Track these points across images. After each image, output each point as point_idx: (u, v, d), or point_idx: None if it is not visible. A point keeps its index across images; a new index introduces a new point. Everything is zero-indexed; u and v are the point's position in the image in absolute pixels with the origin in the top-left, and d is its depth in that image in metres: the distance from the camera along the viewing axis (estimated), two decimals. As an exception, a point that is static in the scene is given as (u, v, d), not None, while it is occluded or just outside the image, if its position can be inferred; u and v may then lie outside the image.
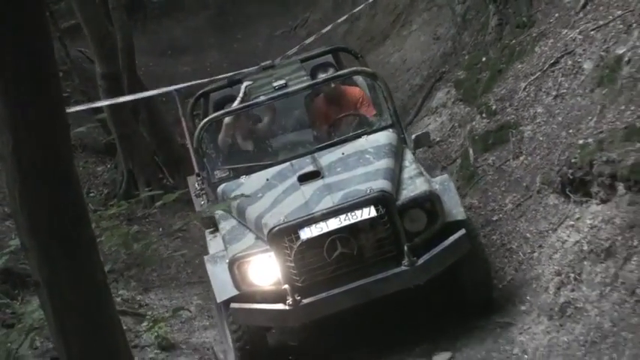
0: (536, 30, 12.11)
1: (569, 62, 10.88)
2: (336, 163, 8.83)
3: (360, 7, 14.61)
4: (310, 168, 8.79)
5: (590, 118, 9.78)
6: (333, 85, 10.03)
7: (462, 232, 8.17)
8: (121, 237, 8.47)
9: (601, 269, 8.11)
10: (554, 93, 10.90)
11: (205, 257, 8.76)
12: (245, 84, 9.77)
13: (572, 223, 9.29)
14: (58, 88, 4.26)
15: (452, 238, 8.05)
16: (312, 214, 7.93)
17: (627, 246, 7.79)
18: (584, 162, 9.25)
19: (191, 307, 11.27)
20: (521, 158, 11.15)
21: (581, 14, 11.46)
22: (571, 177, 9.49)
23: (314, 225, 7.79)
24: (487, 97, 12.17)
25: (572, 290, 8.35)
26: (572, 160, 9.50)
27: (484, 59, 12.79)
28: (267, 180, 8.81)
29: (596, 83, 10.13)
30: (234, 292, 7.89)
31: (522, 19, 12.61)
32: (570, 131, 10.13)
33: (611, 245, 8.11)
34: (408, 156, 9.52)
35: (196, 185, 10.09)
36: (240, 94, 9.61)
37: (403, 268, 7.92)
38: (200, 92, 10.94)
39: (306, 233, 7.76)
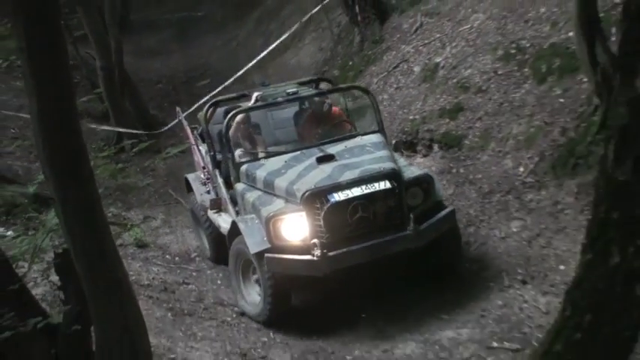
0: (385, 45, 13.44)
1: (405, 66, 12.38)
2: (343, 152, 8.63)
3: (283, 37, 15.04)
4: (323, 152, 8.59)
5: (417, 102, 11.30)
6: (325, 104, 9.70)
7: (452, 208, 8.46)
8: (110, 171, 9.86)
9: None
10: (395, 86, 12.36)
11: (237, 219, 8.54)
12: (255, 94, 9.55)
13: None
14: (69, 72, 4.62)
15: (444, 212, 8.22)
16: (339, 182, 7.82)
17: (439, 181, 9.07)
18: (413, 130, 10.88)
19: (158, 220, 11.78)
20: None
21: (414, 35, 12.99)
22: (404, 140, 11.04)
23: (340, 191, 7.73)
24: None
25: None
26: (405, 129, 11.06)
27: (350, 63, 13.93)
28: (286, 162, 8.57)
29: (422, 80, 11.69)
30: (267, 245, 7.74)
31: (376, 37, 13.80)
32: (405, 111, 11.49)
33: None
34: (394, 152, 9.68)
35: (201, 175, 10.28)
36: (252, 101, 9.48)
37: (408, 232, 7.86)
38: (213, 101, 10.36)
39: (334, 197, 7.68)
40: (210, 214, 9.88)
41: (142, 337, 5.15)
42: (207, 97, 14.31)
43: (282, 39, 15.12)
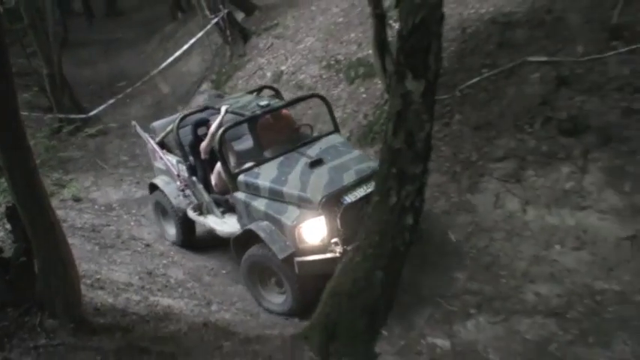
0: (247, 58, 13.30)
1: (261, 72, 12.28)
2: (323, 154, 7.18)
3: (178, 53, 14.68)
4: (308, 157, 7.13)
5: None
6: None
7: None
8: (44, 146, 10.04)
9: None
10: (257, 83, 11.59)
11: (253, 227, 6.77)
12: (224, 107, 7.61)
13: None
14: (11, 79, 4.34)
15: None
16: (345, 185, 6.64)
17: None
18: None
19: (89, 180, 11.32)
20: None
21: (266, 51, 12.98)
22: None
23: (350, 193, 6.58)
24: (225, 87, 12.75)
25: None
26: None
27: (224, 70, 13.63)
28: (278, 169, 7.04)
29: (272, 82, 11.37)
30: (292, 250, 6.50)
31: (241, 52, 13.72)
32: None
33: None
34: None
35: (178, 183, 8.20)
36: (222, 114, 7.56)
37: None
38: (182, 115, 8.22)
39: (347, 199, 6.52)
40: (193, 215, 8.07)
41: (72, 265, 4.99)
42: (121, 95, 14.25)
43: (177, 54, 14.79)
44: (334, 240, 6.46)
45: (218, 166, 7.57)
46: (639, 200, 6.59)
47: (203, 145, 7.67)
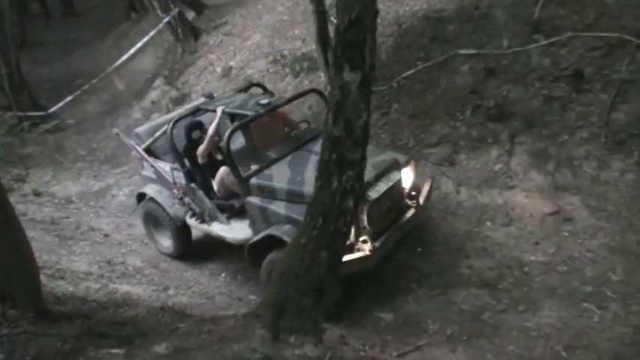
0: (198, 54, 13.09)
1: (211, 68, 12.12)
2: None
3: (132, 50, 14.41)
4: (317, 154, 5.63)
5: (219, 91, 10.57)
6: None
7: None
8: (3, 142, 9.39)
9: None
10: (205, 81, 11.93)
11: (276, 232, 5.87)
12: (220, 108, 6.72)
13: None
14: None
15: (425, 192, 6.62)
16: (367, 181, 5.64)
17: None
18: None
19: (49, 175, 10.99)
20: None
21: (216, 48, 12.80)
22: None
23: (372, 189, 5.96)
24: (178, 82, 12.58)
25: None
26: None
27: (176, 67, 13.22)
28: (290, 169, 6.30)
29: (222, 77, 11.50)
30: None
31: (192, 49, 13.48)
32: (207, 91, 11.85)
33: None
34: None
35: (175, 191, 7.19)
36: (218, 115, 6.69)
37: (413, 210, 6.37)
38: (176, 119, 6.98)
39: (371, 196, 5.89)
40: (194, 223, 7.17)
41: (31, 257, 4.82)
42: (78, 92, 13.93)
43: (131, 52, 14.52)
44: (363, 238, 5.85)
45: (221, 170, 6.79)
46: (561, 179, 6.78)
47: (201, 149, 6.85)
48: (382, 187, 6.05)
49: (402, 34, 8.87)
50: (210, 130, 6.75)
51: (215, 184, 6.94)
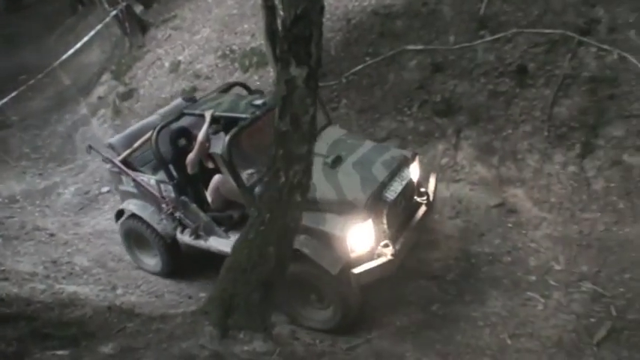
0: (146, 49, 12.82)
1: (159, 63, 11.94)
2: (335, 149, 5.95)
3: (79, 45, 14.07)
4: (320, 156, 5.69)
5: (167, 86, 11.03)
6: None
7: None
8: None
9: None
10: (153, 76, 11.77)
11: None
12: (209, 112, 6.09)
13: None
14: None
15: (432, 188, 6.34)
16: (381, 181, 5.60)
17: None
18: (165, 105, 9.63)
19: None
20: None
21: (165, 42, 12.59)
22: None
23: (388, 189, 5.61)
24: (125, 77, 12.26)
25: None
26: (159, 104, 10.20)
27: (123, 61, 13.06)
28: None
29: (170, 71, 11.31)
30: (343, 263, 5.30)
31: (140, 44, 13.22)
32: (159, 92, 11.12)
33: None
34: None
35: (164, 206, 6.50)
36: (208, 120, 6.07)
37: (424, 208, 6.09)
38: (161, 126, 6.26)
39: (389, 197, 5.54)
40: (188, 239, 6.52)
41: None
42: (23, 87, 13.44)
43: (77, 46, 14.18)
44: (384, 242, 5.52)
45: (216, 179, 6.31)
46: (505, 172, 6.93)
47: (190, 157, 6.21)
48: (397, 186, 5.73)
49: (350, 29, 8.89)
50: (200, 136, 6.13)
51: (209, 195, 6.41)
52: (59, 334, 4.63)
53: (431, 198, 6.21)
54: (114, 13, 13.79)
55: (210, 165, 6.49)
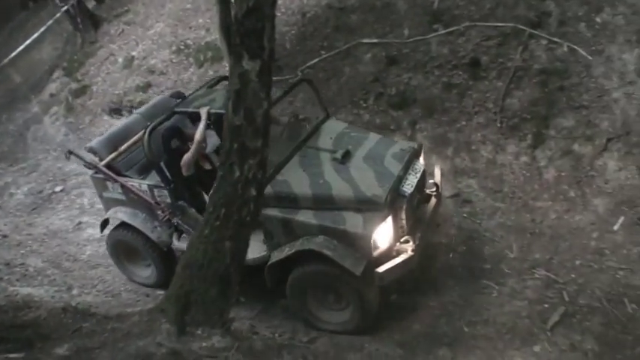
0: (99, 44, 12.50)
1: (112, 58, 11.60)
2: (340, 144, 5.68)
3: (29, 41, 13.79)
4: (327, 151, 5.60)
5: (121, 82, 10.74)
6: None
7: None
8: None
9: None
10: (106, 72, 11.44)
11: (312, 245, 5.05)
12: (204, 109, 5.68)
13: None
14: None
15: (439, 179, 6.14)
16: (397, 175, 5.32)
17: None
18: (119, 101, 10.42)
19: None
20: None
21: (118, 37, 12.29)
22: (113, 108, 10.47)
23: (405, 183, 5.36)
24: (78, 74, 11.91)
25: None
26: (114, 100, 10.54)
27: (75, 57, 12.63)
28: (305, 172, 5.43)
29: (124, 67, 11.09)
30: (365, 262, 5.01)
31: (92, 39, 12.86)
32: (113, 88, 10.81)
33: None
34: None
35: (160, 212, 6.03)
36: (204, 117, 5.67)
37: (434, 199, 5.89)
38: (152, 126, 5.71)
39: (406, 191, 5.28)
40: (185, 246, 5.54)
41: None
42: None
43: (27, 42, 13.88)
44: (405, 238, 5.34)
45: None
46: (459, 163, 7.03)
47: (187, 158, 5.73)
48: (413, 179, 5.48)
49: (306, 23, 8.89)
50: (198, 135, 5.70)
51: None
52: (13, 336, 4.57)
53: (440, 189, 6.08)
54: (65, 8, 13.39)
55: (207, 166, 6.12)
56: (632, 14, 7.05)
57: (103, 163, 6.34)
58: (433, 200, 5.94)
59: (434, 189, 6.00)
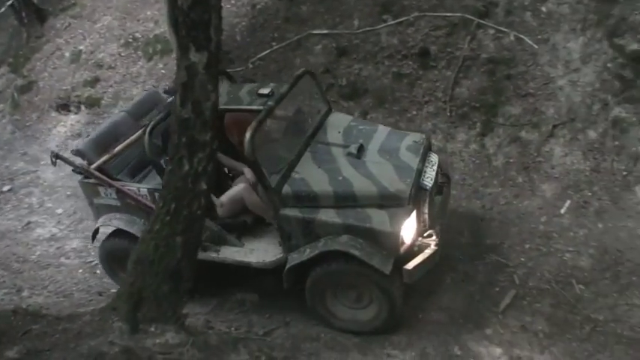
0: (45, 39, 11.87)
1: (59, 53, 11.15)
2: (350, 138, 5.48)
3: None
4: (338, 146, 5.39)
5: (69, 77, 10.43)
6: None
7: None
8: None
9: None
10: (52, 67, 11.06)
11: (339, 246, 4.83)
12: None
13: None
14: None
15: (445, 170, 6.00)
16: (416, 168, 5.15)
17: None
18: (66, 96, 10.14)
19: None
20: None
21: (64, 32, 11.72)
22: (60, 104, 10.14)
23: (425, 176, 5.22)
24: (23, 70, 11.47)
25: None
26: (61, 96, 10.23)
27: (21, 52, 12.20)
28: (321, 168, 5.17)
29: (71, 62, 10.71)
30: (392, 260, 4.85)
31: (38, 34, 12.27)
32: (60, 83, 10.49)
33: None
34: None
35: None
36: None
37: (446, 189, 5.67)
38: (153, 124, 5.30)
39: (427, 184, 5.15)
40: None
41: None
42: None
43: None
44: (428, 232, 5.22)
45: (241, 189, 5.57)
46: (411, 153, 7.04)
47: None
48: (431, 172, 5.33)
49: (256, 14, 8.82)
50: None
51: (226, 204, 5.59)
52: (-42, 342, 4.38)
53: (450, 180, 5.96)
54: (10, 2, 12.83)
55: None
56: (577, 3, 7.18)
57: (94, 166, 5.85)
58: (445, 191, 5.77)
59: (444, 180, 5.84)
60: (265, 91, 5.35)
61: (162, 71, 9.14)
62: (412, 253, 5.04)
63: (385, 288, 4.94)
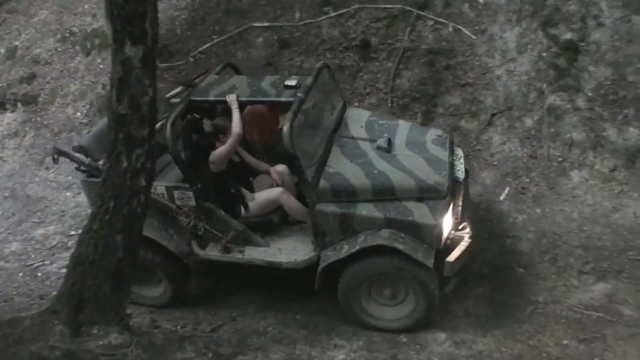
0: None
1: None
2: (375, 132, 5.38)
3: None
4: (365, 140, 5.28)
5: (4, 74, 9.95)
6: None
7: None
8: None
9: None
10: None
11: (382, 241, 4.65)
12: (232, 96, 5.04)
13: None
14: None
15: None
16: (447, 161, 5.10)
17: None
18: (1, 94, 9.56)
19: None
20: None
21: (36, 21, 10.99)
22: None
23: (457, 170, 5.25)
24: None
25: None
26: None
27: None
28: (352, 162, 5.03)
29: (6, 59, 10.18)
30: (434, 253, 4.73)
31: None
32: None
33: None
34: None
35: (183, 218, 5.14)
36: (235, 105, 4.99)
37: (466, 183, 5.50)
38: (174, 116, 4.97)
39: (459, 177, 5.21)
40: (217, 255, 5.27)
41: None
42: None
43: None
44: (463, 224, 5.09)
45: (278, 193, 5.35)
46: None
47: (221, 152, 5.08)
48: (460, 165, 5.34)
49: (196, 7, 8.68)
50: (237, 127, 4.98)
51: (261, 202, 5.33)
52: None
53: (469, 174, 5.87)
54: (-61, -4, 12.42)
55: (236, 158, 5.46)
56: (513, -6, 7.30)
57: (100, 163, 5.32)
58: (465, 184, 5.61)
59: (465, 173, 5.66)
60: (292, 82, 5.19)
61: (101, 66, 8.86)
62: (447, 246, 4.93)
63: (425, 282, 4.79)
